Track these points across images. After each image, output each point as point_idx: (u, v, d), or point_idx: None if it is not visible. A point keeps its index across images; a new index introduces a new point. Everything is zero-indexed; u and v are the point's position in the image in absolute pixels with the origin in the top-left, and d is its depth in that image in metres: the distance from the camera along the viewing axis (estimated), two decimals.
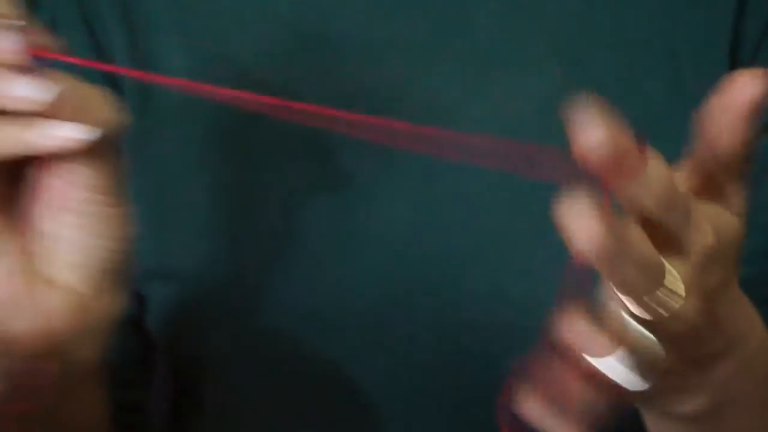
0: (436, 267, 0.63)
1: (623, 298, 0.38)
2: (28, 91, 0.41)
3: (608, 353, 0.38)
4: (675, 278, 0.39)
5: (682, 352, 0.43)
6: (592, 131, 0.34)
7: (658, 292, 0.38)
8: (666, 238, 0.39)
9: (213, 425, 0.70)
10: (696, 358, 0.45)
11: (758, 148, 0.46)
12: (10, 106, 0.41)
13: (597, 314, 0.39)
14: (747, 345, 0.49)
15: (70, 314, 0.46)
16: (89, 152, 0.43)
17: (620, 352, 0.38)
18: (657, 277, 0.38)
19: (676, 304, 0.39)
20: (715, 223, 0.41)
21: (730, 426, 0.53)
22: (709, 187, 0.44)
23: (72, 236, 0.45)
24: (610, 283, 0.38)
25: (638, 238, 0.37)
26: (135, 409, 0.70)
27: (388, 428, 0.66)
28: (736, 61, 0.64)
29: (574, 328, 0.37)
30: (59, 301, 0.45)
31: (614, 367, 0.38)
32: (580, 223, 0.34)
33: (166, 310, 0.66)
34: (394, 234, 0.62)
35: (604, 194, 0.35)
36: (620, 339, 0.38)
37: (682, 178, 0.44)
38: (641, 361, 0.38)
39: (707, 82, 0.52)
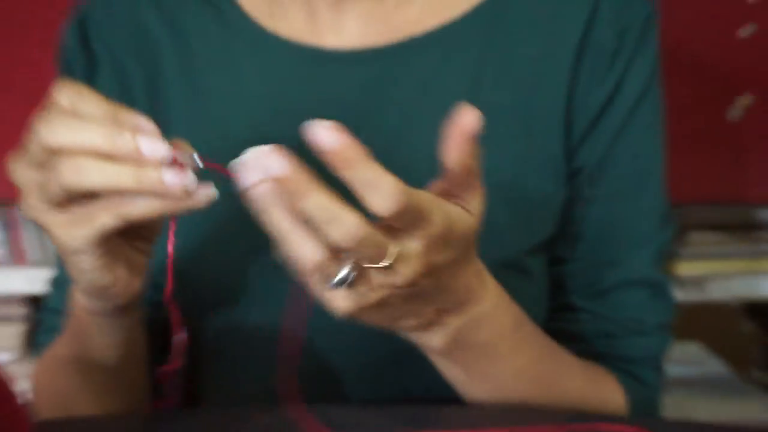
0: None
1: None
2: (182, 180, 0.59)
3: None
4: (397, 253, 0.58)
5: (415, 302, 0.64)
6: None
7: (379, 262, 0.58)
8: (397, 230, 0.58)
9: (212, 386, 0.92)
10: (430, 303, 0.65)
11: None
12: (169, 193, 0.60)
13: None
14: (478, 307, 0.69)
15: (145, 271, 0.71)
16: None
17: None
18: (375, 252, 0.57)
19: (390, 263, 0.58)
20: (453, 218, 0.60)
21: (487, 368, 0.75)
22: (453, 193, 0.62)
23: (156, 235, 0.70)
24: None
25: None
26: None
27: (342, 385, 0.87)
28: (569, 129, 0.86)
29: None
30: (143, 265, 0.70)
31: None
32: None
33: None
34: None
35: None
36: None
37: (438, 187, 0.62)
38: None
39: (549, 138, 0.85)
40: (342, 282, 0.59)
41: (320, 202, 0.56)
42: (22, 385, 0.56)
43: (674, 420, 0.76)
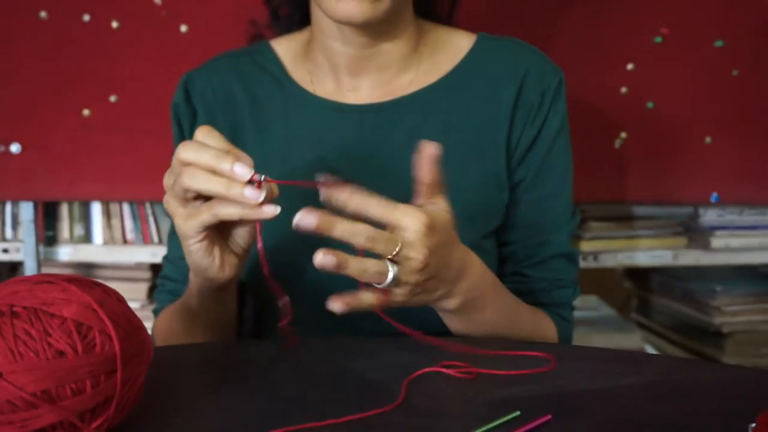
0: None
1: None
2: (255, 195, 0.62)
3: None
4: (403, 244, 0.62)
5: (427, 273, 0.64)
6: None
7: (395, 250, 0.61)
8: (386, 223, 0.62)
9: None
10: (441, 279, 0.67)
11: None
12: (245, 202, 0.62)
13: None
14: (471, 272, 0.71)
15: (239, 266, 0.71)
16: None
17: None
18: (388, 243, 0.61)
19: (404, 253, 0.62)
20: (430, 212, 0.63)
21: (480, 316, 0.75)
22: (428, 199, 0.65)
23: (244, 234, 0.70)
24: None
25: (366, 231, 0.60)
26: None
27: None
28: (509, 156, 0.86)
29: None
30: (236, 261, 0.70)
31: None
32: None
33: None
34: None
35: None
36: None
37: (416, 197, 0.65)
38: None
39: (496, 163, 0.86)
40: (394, 279, 0.62)
41: (344, 226, 0.60)
42: (146, 324, 0.56)
43: (580, 346, 0.76)
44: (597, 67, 1.45)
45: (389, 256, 0.62)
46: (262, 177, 0.62)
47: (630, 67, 1.46)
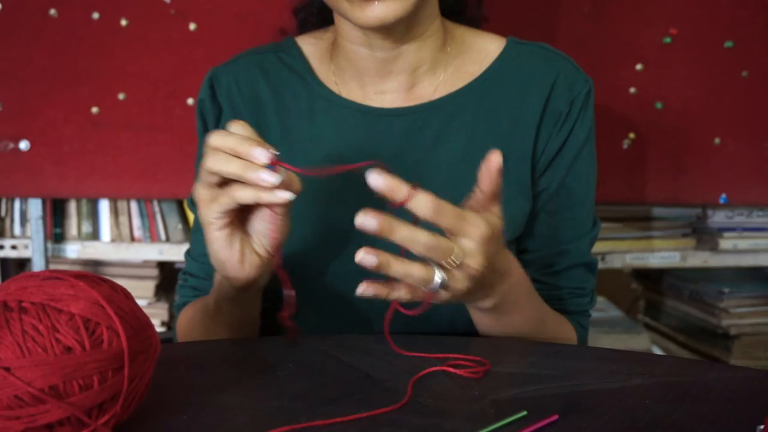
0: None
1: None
2: (270, 178, 0.63)
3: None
4: (461, 250, 0.61)
5: (478, 281, 0.64)
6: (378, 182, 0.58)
7: (450, 258, 0.61)
8: (451, 231, 0.61)
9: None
10: (486, 283, 0.67)
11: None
12: (260, 183, 0.63)
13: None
14: (511, 276, 0.71)
15: (261, 268, 0.70)
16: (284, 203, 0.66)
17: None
18: (445, 252, 0.61)
19: (460, 262, 0.61)
20: (489, 221, 0.63)
21: (510, 318, 0.75)
22: (485, 206, 0.64)
23: (266, 232, 0.69)
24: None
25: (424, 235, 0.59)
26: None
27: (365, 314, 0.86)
28: (534, 165, 0.86)
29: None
30: (257, 261, 0.70)
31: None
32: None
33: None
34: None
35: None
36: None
37: (472, 203, 0.64)
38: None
39: (521, 171, 0.86)
40: (441, 285, 0.62)
41: (404, 232, 0.59)
42: (153, 320, 0.56)
43: (587, 347, 0.76)
44: (606, 68, 1.45)
45: (443, 262, 0.61)
46: (278, 154, 0.63)
47: (639, 67, 1.46)
